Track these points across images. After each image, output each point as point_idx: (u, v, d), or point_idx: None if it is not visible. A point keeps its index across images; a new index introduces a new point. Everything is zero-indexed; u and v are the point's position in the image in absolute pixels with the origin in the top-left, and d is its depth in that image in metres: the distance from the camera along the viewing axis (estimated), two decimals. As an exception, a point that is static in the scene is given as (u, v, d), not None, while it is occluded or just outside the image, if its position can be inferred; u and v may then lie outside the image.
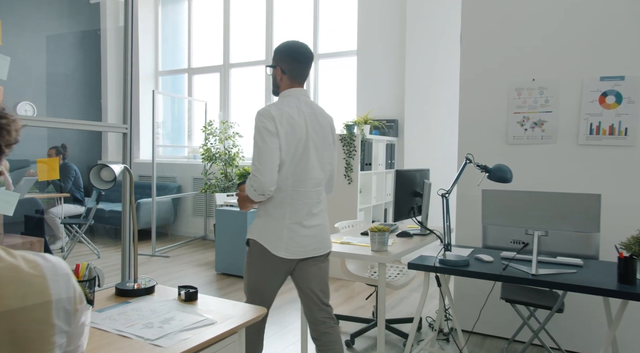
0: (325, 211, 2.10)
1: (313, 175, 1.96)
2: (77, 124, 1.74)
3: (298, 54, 1.98)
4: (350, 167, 4.45)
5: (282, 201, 1.92)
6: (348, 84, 5.81)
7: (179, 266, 4.95)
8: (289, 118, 1.89)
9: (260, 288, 1.99)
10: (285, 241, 1.92)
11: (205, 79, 7.06)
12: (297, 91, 1.99)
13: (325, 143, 2.01)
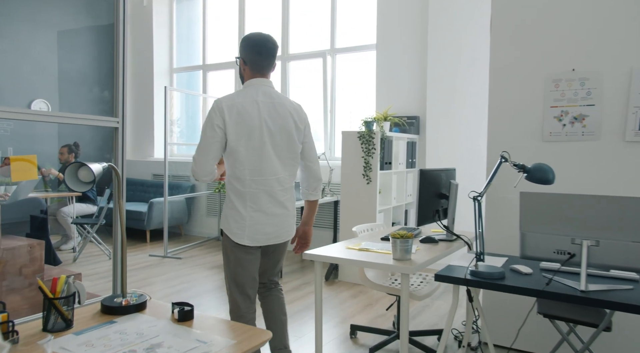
0: (291, 201, 2.14)
1: (271, 164, 2.02)
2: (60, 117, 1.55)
3: (258, 45, 2.05)
4: (369, 166, 4.20)
5: (243, 191, 2.02)
6: (366, 80, 5.56)
7: (191, 269, 4.78)
8: (240, 108, 1.97)
9: (237, 277, 2.08)
10: (247, 230, 2.02)
11: (220, 75, 6.89)
12: (258, 81, 2.07)
13: (283, 133, 2.05)
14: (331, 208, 5.47)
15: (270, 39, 2.10)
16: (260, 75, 2.09)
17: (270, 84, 2.12)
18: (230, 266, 2.09)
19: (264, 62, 2.08)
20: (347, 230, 4.33)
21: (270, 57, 2.10)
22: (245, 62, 2.09)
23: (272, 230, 2.08)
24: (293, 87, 6.14)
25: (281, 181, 2.07)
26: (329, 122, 5.80)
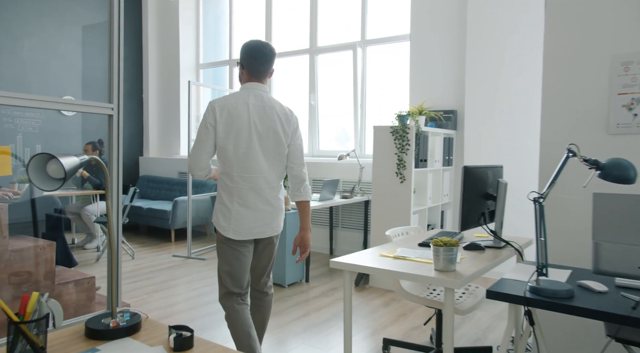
0: (277, 198, 2.25)
1: (258, 163, 2.14)
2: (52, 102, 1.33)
3: (255, 51, 2.18)
4: (403, 163, 3.89)
5: (231, 186, 2.15)
6: (399, 72, 5.24)
7: (214, 271, 4.57)
8: (231, 108, 2.11)
9: (229, 270, 2.21)
10: (233, 223, 2.15)
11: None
12: (252, 85, 2.20)
13: (271, 134, 2.16)
14: (361, 209, 5.17)
15: (267, 45, 2.23)
16: (256, 79, 2.22)
17: (264, 88, 2.23)
18: (222, 259, 2.23)
19: (260, 67, 2.20)
20: (378, 232, 4.03)
21: (266, 62, 2.21)
22: (244, 66, 2.23)
23: (257, 225, 2.19)
24: (322, 82, 5.87)
25: (268, 179, 2.19)
26: (359, 118, 5.50)
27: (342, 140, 5.84)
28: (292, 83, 6.20)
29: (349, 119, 5.62)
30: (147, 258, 5.01)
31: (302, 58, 6.00)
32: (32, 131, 6.15)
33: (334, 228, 5.39)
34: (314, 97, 5.84)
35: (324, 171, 5.48)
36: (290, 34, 6.18)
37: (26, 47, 6.05)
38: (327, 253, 5.41)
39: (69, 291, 2.75)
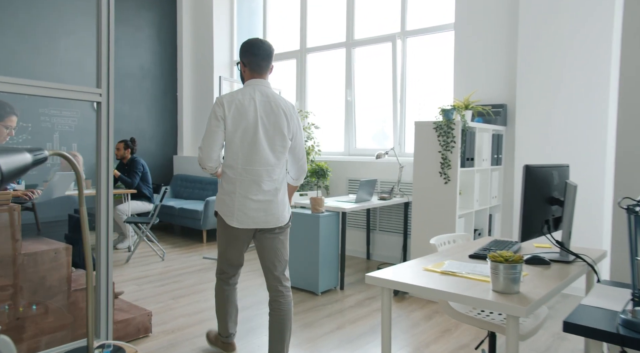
0: (280, 190, 2.32)
1: (262, 155, 2.23)
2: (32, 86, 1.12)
3: (255, 48, 2.27)
4: (448, 162, 3.53)
5: (233, 177, 2.24)
6: (441, 64, 4.86)
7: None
8: (238, 104, 2.20)
9: (226, 254, 2.41)
10: (236, 213, 2.25)
11: (281, 66, 6.46)
12: (256, 81, 2.28)
13: (277, 128, 2.25)
14: (401, 211, 4.83)
15: (266, 42, 2.32)
16: (259, 75, 2.30)
17: (267, 84, 2.32)
18: (222, 244, 2.40)
19: (261, 63, 2.28)
20: (420, 237, 3.70)
21: (267, 58, 2.30)
22: (245, 64, 2.32)
23: (259, 215, 2.27)
24: (358, 76, 5.56)
25: (270, 172, 2.27)
26: (398, 113, 5.16)
27: (380, 138, 5.52)
28: (327, 79, 5.92)
29: (387, 115, 5.29)
30: (177, 260, 4.86)
31: (338, 52, 5.72)
32: (68, 129, 6.16)
33: (372, 231, 5.08)
34: (351, 92, 5.55)
35: (361, 171, 5.18)
36: (326, 28, 5.91)
37: (62, 46, 6.05)
38: (364, 258, 5.10)
39: (85, 298, 2.57)
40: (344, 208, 3.86)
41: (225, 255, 2.43)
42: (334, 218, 3.89)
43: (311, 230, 3.78)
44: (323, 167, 3.86)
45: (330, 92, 5.88)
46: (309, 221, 3.79)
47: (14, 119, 2.82)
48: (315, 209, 3.80)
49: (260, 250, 2.39)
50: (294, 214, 3.90)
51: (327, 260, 3.84)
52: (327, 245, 3.83)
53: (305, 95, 6.03)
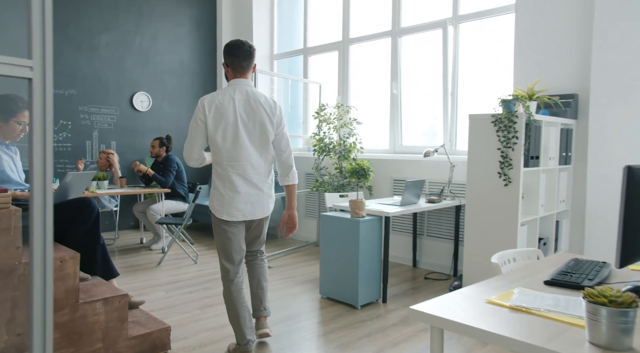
0: (265, 183, 2.48)
1: (245, 152, 2.40)
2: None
3: (235, 49, 2.43)
4: (508, 161, 3.05)
5: (222, 174, 2.42)
6: (499, 51, 4.34)
7: (280, 283, 4.04)
8: (218, 104, 2.37)
9: (225, 248, 2.49)
10: (226, 207, 2.42)
11: (322, 59, 6.11)
12: (237, 81, 2.44)
13: (257, 124, 2.42)
14: (451, 215, 4.35)
15: (247, 43, 2.46)
16: (241, 75, 2.45)
17: (248, 83, 2.46)
18: (218, 239, 2.50)
19: (242, 63, 2.43)
20: (474, 245, 3.24)
21: (247, 58, 2.44)
22: (228, 65, 2.46)
23: (247, 208, 2.44)
24: (405, 68, 5.11)
25: (255, 166, 2.42)
26: (449, 107, 4.67)
27: (429, 135, 5.05)
28: (371, 71, 5.51)
29: (436, 109, 4.81)
30: (210, 264, 4.62)
31: (383, 42, 5.29)
32: (107, 127, 6.09)
33: (418, 236, 4.63)
34: (396, 85, 5.11)
35: (408, 170, 4.73)
36: (370, 16, 5.50)
37: (103, 43, 5.98)
38: (410, 265, 4.66)
39: (95, 311, 2.32)
40: (388, 212, 3.46)
41: (225, 251, 2.51)
42: (376, 223, 3.49)
43: (350, 236, 3.40)
44: (364, 166, 3.47)
45: (374, 85, 5.47)
46: (347, 226, 3.42)
47: (27, 114, 2.62)
48: (354, 213, 3.41)
49: (249, 232, 2.63)
50: (333, 220, 3.54)
51: (368, 270, 3.45)
52: (368, 252, 3.44)
53: (348, 89, 5.64)
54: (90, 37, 5.89)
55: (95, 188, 4.78)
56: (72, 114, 5.81)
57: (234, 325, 2.54)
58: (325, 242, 3.60)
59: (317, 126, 5.14)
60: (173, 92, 6.67)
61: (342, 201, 4.06)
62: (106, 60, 6.03)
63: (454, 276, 4.24)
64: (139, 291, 3.70)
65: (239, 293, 2.54)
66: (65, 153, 5.78)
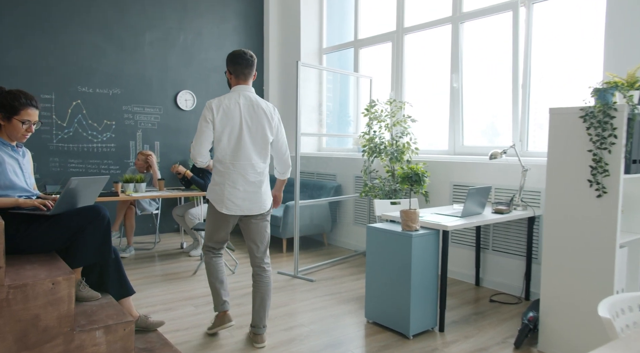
0: (263, 182, 2.70)
1: (247, 152, 2.62)
2: None
3: (238, 58, 2.68)
4: (603, 166, 2.42)
5: (223, 171, 2.64)
6: (581, 35, 3.64)
7: (321, 300, 3.60)
8: (225, 108, 2.60)
9: (214, 235, 2.79)
10: (225, 201, 2.63)
11: (373, 51, 5.61)
12: (240, 88, 2.69)
13: (259, 128, 2.65)
14: (523, 227, 3.71)
15: (248, 52, 2.72)
16: (243, 82, 2.70)
17: (250, 90, 2.71)
18: (210, 227, 2.79)
19: (244, 70, 2.69)
20: (554, 267, 2.63)
21: (249, 66, 2.70)
22: (231, 72, 2.72)
23: (244, 203, 2.66)
24: (467, 58, 4.50)
25: (254, 165, 2.66)
26: (519, 101, 4.02)
27: (489, 133, 4.42)
28: (428, 63, 4.94)
29: (500, 104, 4.17)
30: (247, 274, 4.25)
31: (442, 30, 4.71)
32: (151, 127, 5.92)
33: (482, 250, 4.02)
34: (457, 78, 4.51)
35: (470, 175, 4.13)
36: (427, 2, 4.93)
37: (147, 41, 5.81)
38: (472, 283, 4.06)
39: (95, 341, 1.98)
40: (446, 225, 2.91)
41: (213, 237, 2.80)
42: (432, 238, 2.96)
43: (401, 253, 2.89)
44: (418, 171, 2.94)
45: (432, 78, 4.89)
46: (398, 241, 2.91)
47: (32, 112, 2.33)
48: (406, 225, 2.90)
49: (246, 232, 2.79)
50: (378, 230, 3.04)
51: (422, 292, 2.93)
52: (423, 272, 2.92)
53: (402, 83, 5.10)
54: (134, 36, 5.74)
55: (132, 191, 4.56)
56: (115, 114, 5.68)
57: (212, 287, 2.87)
58: (372, 258, 3.11)
59: (367, 124, 4.65)
60: (218, 90, 6.41)
61: (393, 210, 3.55)
62: (150, 58, 5.86)
63: (526, 299, 3.61)
64: (167, 305, 3.39)
65: (218, 261, 2.88)
66: (109, 153, 5.66)
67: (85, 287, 2.36)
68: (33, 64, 5.15)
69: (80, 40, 5.39)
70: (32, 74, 5.14)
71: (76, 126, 5.44)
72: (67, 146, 5.39)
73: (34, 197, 2.42)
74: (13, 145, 2.39)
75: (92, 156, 5.55)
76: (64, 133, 5.36)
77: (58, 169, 5.34)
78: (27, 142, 2.47)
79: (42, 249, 2.28)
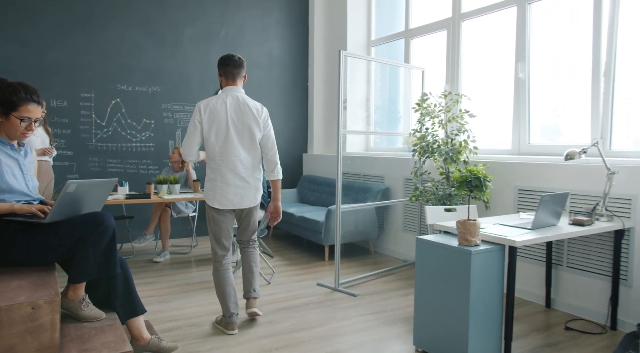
0: (252, 177, 2.89)
1: (234, 148, 2.81)
2: None
3: (227, 60, 2.86)
4: None
5: (214, 167, 2.84)
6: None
7: (363, 319, 3.17)
8: (212, 108, 2.79)
9: (216, 232, 2.92)
10: (217, 196, 2.84)
11: (427, 41, 5.10)
12: (229, 88, 2.85)
13: (245, 126, 2.82)
14: (607, 241, 3.10)
15: (236, 55, 2.89)
16: (232, 82, 2.87)
17: (239, 90, 2.87)
18: (210, 225, 2.93)
19: (233, 71, 2.85)
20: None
21: (238, 67, 2.86)
22: (221, 74, 2.89)
23: (235, 198, 2.85)
24: (535, 44, 3.90)
25: (243, 161, 2.85)
26: (601, 92, 3.40)
27: (550, 131, 3.80)
28: (488, 51, 4.37)
29: (568, 97, 3.55)
30: (285, 285, 3.90)
31: (506, 13, 4.13)
32: (191, 126, 5.70)
33: (554, 266, 3.43)
34: (523, 67, 3.93)
35: (539, 179, 3.55)
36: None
37: (187, 36, 5.61)
38: (541, 305, 3.47)
39: (84, 376, 1.67)
40: (514, 240, 2.40)
41: (215, 236, 2.91)
42: (497, 255, 2.46)
43: (458, 271, 2.41)
44: (478, 174, 2.44)
45: (493, 69, 4.33)
46: (454, 257, 2.43)
47: (33, 108, 2.06)
48: (464, 239, 2.42)
49: (239, 221, 3.00)
50: (430, 244, 2.57)
51: (483, 318, 2.43)
52: (483, 294, 2.42)
53: (458, 74, 4.56)
54: (174, 32, 5.55)
55: (166, 193, 4.33)
56: (155, 112, 5.51)
57: (220, 300, 2.92)
58: (422, 276, 2.64)
59: (419, 121, 4.16)
60: (260, 86, 6.12)
61: (448, 218, 3.06)
62: (190, 54, 5.65)
63: (612, 329, 3.00)
64: (190, 321, 3.08)
65: (225, 273, 2.93)
66: (148, 153, 5.50)
67: (88, 306, 2.06)
68: (73, 62, 5.06)
69: (120, 37, 5.26)
70: (72, 73, 5.05)
71: (115, 125, 5.31)
72: (106, 145, 5.27)
73: (36, 202, 2.16)
74: (13, 144, 2.14)
75: (131, 155, 5.41)
76: (103, 132, 5.24)
77: (97, 169, 5.22)
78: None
79: (38, 261, 2.01)
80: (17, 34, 4.80)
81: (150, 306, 3.30)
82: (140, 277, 4.06)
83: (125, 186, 4.30)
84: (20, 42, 4.82)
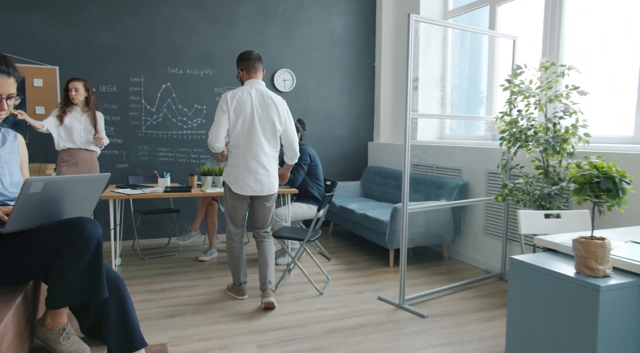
0: (272, 166, 3.08)
1: (258, 138, 3.00)
2: None
3: (247, 55, 3.08)
4: None
5: (238, 155, 3.02)
6: None
7: (434, 352, 2.49)
8: (239, 99, 2.98)
9: (232, 214, 3.13)
10: (239, 182, 3.02)
11: (518, 7, 4.21)
12: (252, 81, 3.06)
13: (268, 117, 3.02)
14: None
15: (254, 52, 3.11)
16: (254, 76, 3.08)
17: (261, 83, 3.08)
18: (229, 208, 3.13)
19: (254, 64, 3.07)
20: None
21: (257, 61, 3.09)
22: (242, 69, 3.10)
23: (256, 185, 3.03)
24: None
25: (265, 151, 3.04)
26: None
27: None
28: (600, 16, 3.43)
29: None
30: (339, 298, 3.30)
31: (631, -43, 3.17)
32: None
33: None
34: (656, 27, 2.97)
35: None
36: None
37: (242, 14, 5.13)
38: None
39: None
40: (666, 271, 1.61)
41: (232, 217, 3.14)
42: (637, 290, 1.68)
43: (577, 313, 1.67)
44: (610, 171, 1.67)
45: (605, 38, 3.39)
46: (571, 292, 1.69)
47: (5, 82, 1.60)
48: (586, 266, 1.66)
49: (255, 210, 3.19)
50: (530, 270, 1.84)
51: None
52: (617, 346, 1.66)
53: (560, 42, 3.65)
54: (227, 9, 5.08)
55: (210, 186, 3.88)
56: (207, 97, 5.11)
57: (233, 271, 3.19)
58: (517, 308, 1.92)
59: (508, 101, 3.35)
60: (321, 68, 5.52)
61: (550, 227, 2.28)
62: (245, 34, 5.17)
63: None
64: (223, 342, 2.57)
65: (239, 249, 3.17)
66: (200, 141, 5.11)
67: (69, 338, 1.60)
68: (123, 45, 4.76)
69: (170, 17, 4.89)
70: (121, 56, 4.76)
71: (165, 111, 4.97)
72: (155, 132, 4.94)
73: (11, 203, 1.72)
74: (-14, 128, 1.71)
75: (182, 143, 5.05)
76: (152, 118, 4.92)
77: (147, 158, 4.92)
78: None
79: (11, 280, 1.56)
80: (69, 18, 4.57)
81: (178, 320, 2.85)
82: (180, 279, 3.66)
83: (167, 178, 3.90)
84: (73, 26, 4.59)
